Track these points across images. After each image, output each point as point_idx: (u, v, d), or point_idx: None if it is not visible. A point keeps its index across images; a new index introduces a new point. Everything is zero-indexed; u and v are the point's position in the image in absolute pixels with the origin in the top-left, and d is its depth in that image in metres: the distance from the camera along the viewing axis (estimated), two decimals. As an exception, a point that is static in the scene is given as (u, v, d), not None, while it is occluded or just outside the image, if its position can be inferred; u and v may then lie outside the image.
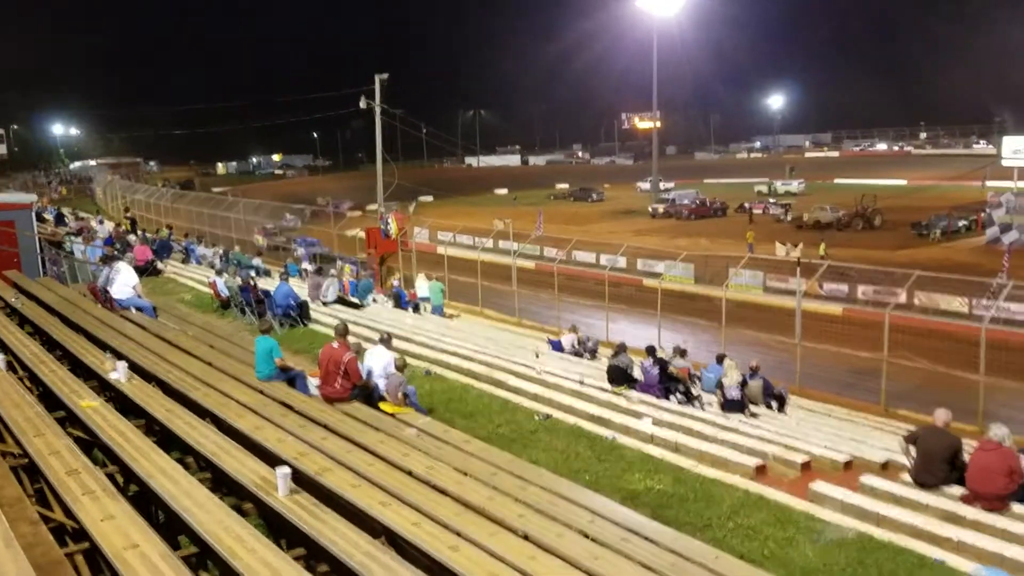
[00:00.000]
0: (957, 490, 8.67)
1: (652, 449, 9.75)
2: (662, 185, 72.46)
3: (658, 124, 72.57)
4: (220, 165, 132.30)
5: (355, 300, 20.72)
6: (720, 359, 14.76)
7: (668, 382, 13.75)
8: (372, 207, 42.32)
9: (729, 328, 21.26)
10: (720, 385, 13.53)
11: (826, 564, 6.49)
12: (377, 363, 10.18)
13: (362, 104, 32.34)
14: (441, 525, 5.68)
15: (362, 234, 30.71)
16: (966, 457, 8.86)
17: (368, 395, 9.81)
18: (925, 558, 6.64)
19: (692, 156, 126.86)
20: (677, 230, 52.40)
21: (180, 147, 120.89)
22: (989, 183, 57.10)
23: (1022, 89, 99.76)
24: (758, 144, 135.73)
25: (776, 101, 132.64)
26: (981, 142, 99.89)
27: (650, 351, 14.38)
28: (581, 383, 13.54)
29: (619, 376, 13.70)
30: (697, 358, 17.82)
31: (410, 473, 6.91)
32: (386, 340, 10.77)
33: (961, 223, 45.86)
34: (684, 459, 9.43)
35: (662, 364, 13.96)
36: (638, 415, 11.57)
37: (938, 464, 8.94)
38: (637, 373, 13.94)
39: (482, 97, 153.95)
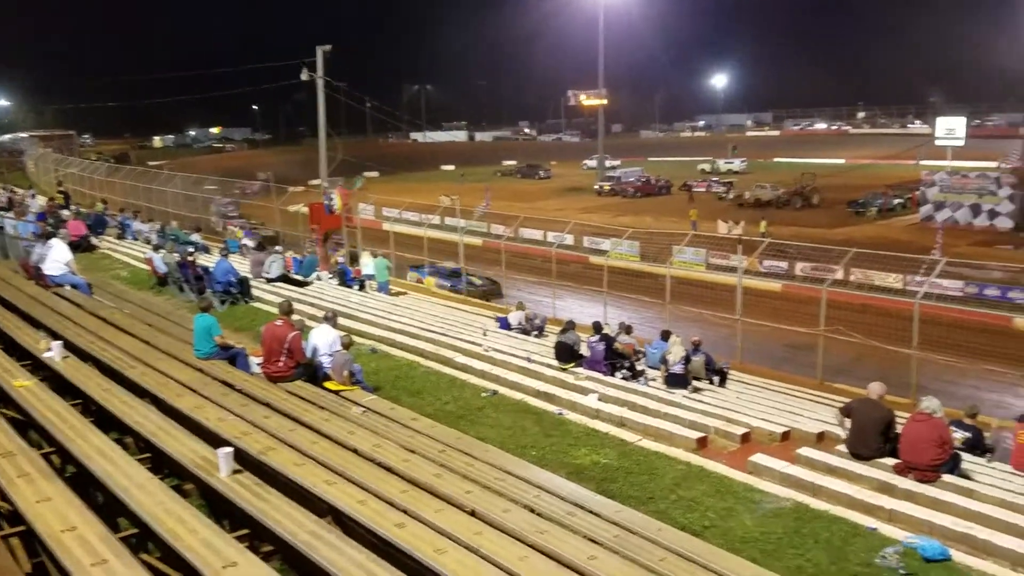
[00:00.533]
0: (890, 461, 8.97)
1: (598, 424, 9.88)
2: (608, 163, 72.80)
3: (605, 102, 72.70)
4: (157, 138, 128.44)
5: (299, 277, 20.43)
6: (665, 335, 14.99)
7: (614, 358, 13.91)
8: (315, 182, 41.60)
9: (673, 305, 21.59)
10: (664, 361, 13.74)
11: (764, 533, 6.67)
12: (322, 341, 10.07)
13: (303, 76, 31.53)
14: (387, 503, 5.67)
15: (305, 209, 30.21)
16: (899, 429, 9.18)
17: (312, 374, 9.70)
18: (859, 527, 6.87)
19: (637, 134, 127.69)
20: (623, 208, 52.80)
21: (115, 120, 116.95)
22: (923, 162, 58.66)
23: (956, 70, 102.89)
24: (701, 123, 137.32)
25: (719, 80, 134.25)
26: (916, 122, 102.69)
27: (596, 328, 14.52)
28: (528, 360, 13.62)
29: (566, 353, 13.80)
30: (642, 334, 18.09)
31: (356, 451, 6.88)
32: (331, 318, 10.66)
33: (896, 201, 47.17)
34: (629, 433, 9.58)
35: (608, 340, 14.10)
36: (584, 391, 11.70)
37: (872, 436, 9.22)
38: (584, 350, 14.07)
39: (428, 72, 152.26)
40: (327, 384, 9.60)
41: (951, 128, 46.59)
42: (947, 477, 8.65)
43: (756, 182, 56.12)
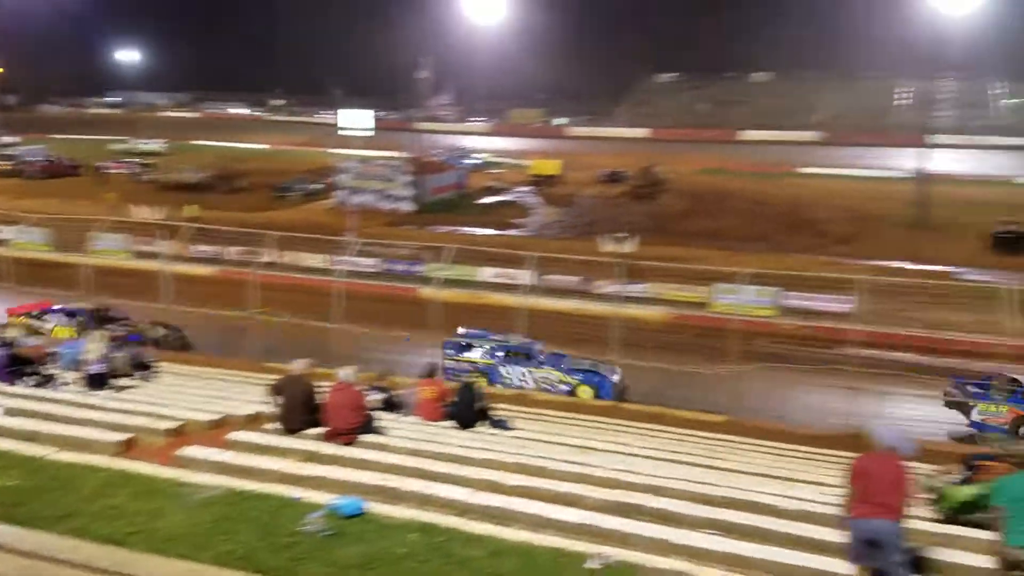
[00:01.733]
0: (319, 430, 9.62)
1: (2, 443, 8.49)
2: (6, 140, 63.25)
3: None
4: None
5: None
6: (83, 333, 13.66)
7: (17, 365, 12.17)
8: None
9: (98, 296, 19.97)
10: (82, 361, 12.51)
11: (193, 526, 6.49)
12: None
13: None
14: None
15: None
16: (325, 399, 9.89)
17: None
18: (286, 499, 7.15)
19: (36, 108, 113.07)
20: (23, 190, 46.38)
21: None
22: (333, 150, 62.98)
23: (361, 67, 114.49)
24: (113, 100, 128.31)
25: (132, 56, 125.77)
26: (324, 112, 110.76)
27: (-9, 332, 12.51)
28: None
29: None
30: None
31: None
32: None
33: (314, 186, 50.23)
34: (41, 448, 8.45)
35: (9, 346, 12.31)
36: (-21, 407, 9.93)
37: (298, 409, 9.81)
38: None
39: None
40: None
41: (353, 119, 50.89)
42: (365, 437, 9.65)
43: (179, 164, 54.38)
